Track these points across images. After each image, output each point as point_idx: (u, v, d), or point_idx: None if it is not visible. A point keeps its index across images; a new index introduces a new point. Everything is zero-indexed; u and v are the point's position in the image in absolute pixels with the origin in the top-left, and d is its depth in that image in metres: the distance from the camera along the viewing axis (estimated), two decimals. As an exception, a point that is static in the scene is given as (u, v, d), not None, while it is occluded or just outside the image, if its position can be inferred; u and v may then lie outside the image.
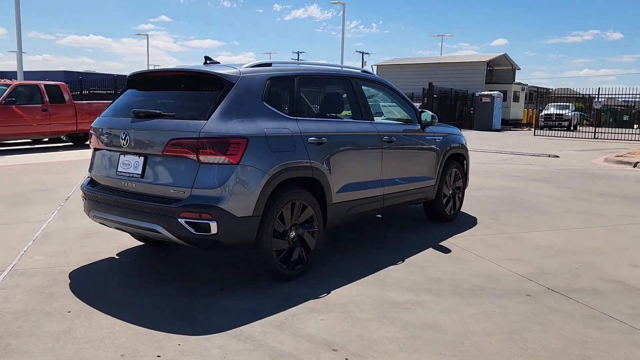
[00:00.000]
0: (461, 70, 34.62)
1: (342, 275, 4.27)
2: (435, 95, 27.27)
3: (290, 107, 4.22)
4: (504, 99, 32.40)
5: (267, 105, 4.02)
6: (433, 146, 5.73)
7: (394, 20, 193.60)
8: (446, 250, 5.02)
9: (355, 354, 2.96)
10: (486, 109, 29.41)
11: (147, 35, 48.36)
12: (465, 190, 6.60)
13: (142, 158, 3.92)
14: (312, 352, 2.98)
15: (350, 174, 4.60)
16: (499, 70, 37.27)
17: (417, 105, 24.57)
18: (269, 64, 4.32)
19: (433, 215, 6.16)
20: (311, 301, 3.72)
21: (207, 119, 3.68)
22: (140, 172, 3.91)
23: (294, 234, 4.12)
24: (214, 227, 3.61)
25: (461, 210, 6.70)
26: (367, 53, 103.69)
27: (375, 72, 39.32)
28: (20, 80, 16.73)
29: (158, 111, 3.88)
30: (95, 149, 4.37)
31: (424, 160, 5.64)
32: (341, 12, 35.00)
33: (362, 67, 48.27)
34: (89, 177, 4.46)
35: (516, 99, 35.21)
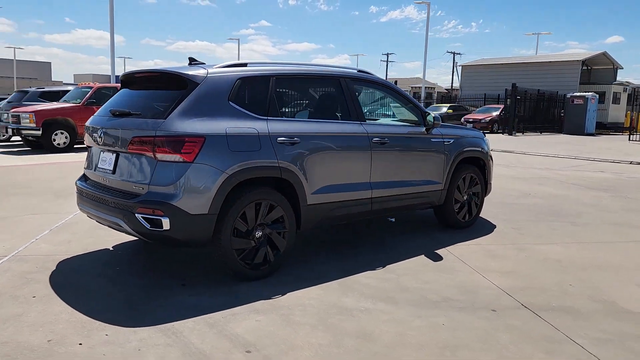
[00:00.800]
0: (552, 70, 32.61)
1: (311, 278, 4.21)
2: (518, 97, 25.89)
3: (261, 107, 4.22)
4: (601, 101, 30.09)
5: (234, 105, 4.05)
6: (440, 149, 5.48)
7: (495, 19, 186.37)
8: (438, 259, 4.79)
9: (266, 357, 2.92)
10: (578, 111, 27.46)
11: (238, 39, 50.42)
12: (505, 199, 6.23)
13: (114, 155, 4.11)
14: (225, 351, 2.98)
15: (330, 175, 4.52)
16: (598, 70, 34.68)
17: (498, 107, 23.49)
18: (245, 64, 4.35)
19: (444, 221, 5.89)
20: (260, 302, 3.70)
21: (165, 118, 3.78)
22: (112, 168, 4.11)
23: (260, 233, 4.12)
24: (166, 224, 3.71)
25: (485, 218, 6.40)
26: (459, 53, 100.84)
27: (459, 73, 38.18)
28: (110, 84, 18.03)
29: (127, 110, 4.05)
30: (88, 146, 4.63)
31: (428, 163, 5.41)
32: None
33: (453, 68, 46.77)
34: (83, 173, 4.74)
35: (616, 100, 32.53)
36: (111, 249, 4.96)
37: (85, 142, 4.65)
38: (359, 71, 5.17)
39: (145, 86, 4.37)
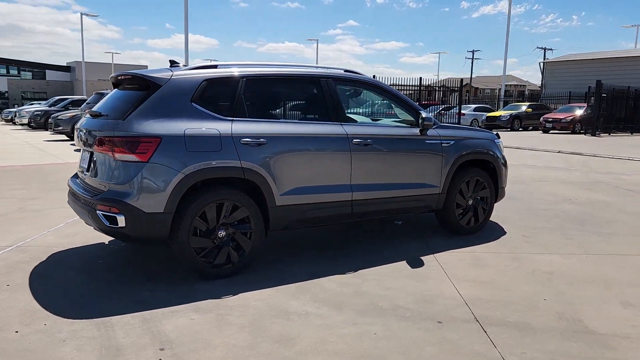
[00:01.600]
0: (647, 65, 30.07)
1: (276, 279, 4.21)
2: (604, 95, 24.10)
3: (228, 108, 4.27)
4: None
5: (197, 106, 4.13)
6: (436, 151, 5.25)
7: (599, 11, 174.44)
8: (418, 265, 4.60)
9: (175, 355, 2.97)
10: (674, 110, 25.12)
11: (317, 40, 51.02)
12: (537, 204, 5.89)
13: (89, 154, 4.34)
14: (140, 347, 3.06)
15: (302, 176, 4.48)
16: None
17: (582, 106, 22.04)
18: (215, 66, 4.42)
19: (446, 226, 5.64)
20: (207, 301, 3.76)
21: (124, 119, 3.94)
22: (87, 166, 4.34)
23: (223, 233, 4.17)
24: (121, 221, 3.86)
25: (500, 223, 6.11)
26: (550, 49, 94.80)
27: (542, 70, 36.14)
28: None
29: (99, 112, 4.25)
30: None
31: (422, 165, 5.20)
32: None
33: (543, 62, 44.32)
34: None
35: None
36: (106, 243, 5.22)
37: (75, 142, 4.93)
38: (346, 71, 5.08)
39: (124, 88, 4.57)
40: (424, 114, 5.08)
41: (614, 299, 3.89)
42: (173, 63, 4.60)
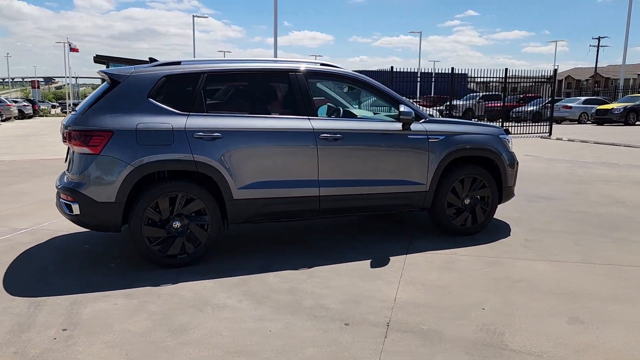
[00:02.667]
0: None
1: (226, 271, 4.29)
2: None
3: (185, 104, 4.39)
4: None
5: (154, 102, 4.31)
6: (421, 146, 4.99)
7: None
8: (380, 265, 4.44)
9: (71, 336, 3.16)
10: None
11: (420, 32, 49.80)
12: (574, 205, 5.50)
13: (68, 148, 4.70)
14: (48, 326, 3.29)
15: (262, 171, 4.50)
16: None
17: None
18: (178, 63, 4.57)
19: (438, 226, 5.35)
20: (141, 288, 3.92)
21: (83, 114, 4.22)
22: (65, 159, 4.71)
23: (178, 224, 4.33)
24: (76, 209, 4.16)
25: (512, 225, 5.69)
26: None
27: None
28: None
29: (74, 107, 4.58)
30: None
31: (403, 161, 4.97)
32: None
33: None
34: None
35: None
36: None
37: None
38: (322, 64, 4.99)
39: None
40: (402, 108, 4.85)
41: (566, 313, 3.47)
42: (152, 60, 4.82)
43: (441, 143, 5.07)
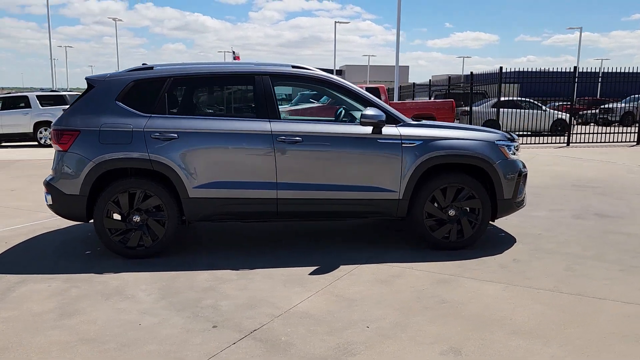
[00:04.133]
0: None
1: (173, 265, 4.49)
2: None
3: (149, 106, 4.69)
4: None
5: (120, 104, 4.67)
6: (392, 151, 4.71)
7: None
8: (322, 272, 4.31)
9: (-17, 309, 3.61)
10: None
11: (580, 28, 45.20)
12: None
13: None
14: (-23, 299, 3.79)
15: (218, 171, 4.63)
16: None
17: None
18: (151, 67, 4.88)
19: (420, 238, 5.00)
20: (82, 274, 4.28)
21: (62, 115, 4.73)
22: None
23: (137, 218, 4.65)
24: (49, 199, 4.69)
25: (524, 243, 5.16)
26: None
27: None
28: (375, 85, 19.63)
29: (63, 110, 5.13)
30: None
31: (372, 167, 4.73)
32: None
33: None
34: None
35: None
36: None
37: None
38: (294, 67, 4.96)
39: None
40: (367, 110, 4.63)
41: (451, 342, 3.09)
42: (144, 65, 5.21)
43: (417, 148, 4.74)
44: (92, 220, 4.73)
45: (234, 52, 65.38)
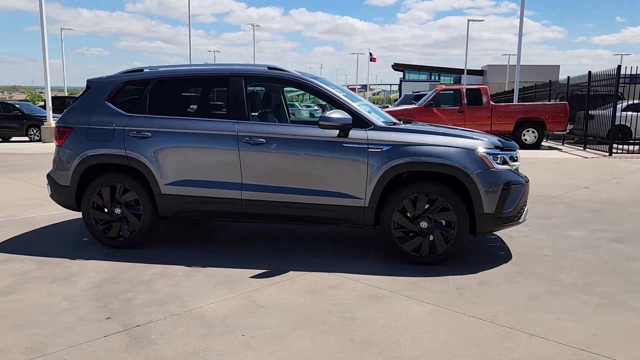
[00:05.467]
0: None
1: (140, 257, 4.74)
2: None
3: (132, 106, 4.99)
4: None
5: (109, 104, 5.04)
6: (357, 156, 4.49)
7: None
8: (269, 275, 4.27)
9: (-48, 282, 4.15)
10: None
11: None
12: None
13: None
14: (-43, 272, 4.36)
15: (186, 169, 4.78)
16: None
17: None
18: (141, 70, 5.19)
19: (390, 250, 4.70)
20: (56, 258, 4.68)
21: (64, 114, 5.23)
22: None
23: (118, 210, 5.00)
24: (48, 189, 5.21)
25: (513, 263, 4.64)
26: None
27: None
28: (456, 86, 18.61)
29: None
30: None
31: (336, 171, 4.54)
32: None
33: None
34: None
35: None
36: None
37: None
38: (270, 68, 4.93)
39: None
40: (329, 113, 4.45)
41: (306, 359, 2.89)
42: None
43: (384, 154, 4.46)
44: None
45: (370, 54, 66.14)
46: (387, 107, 18.86)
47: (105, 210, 5.00)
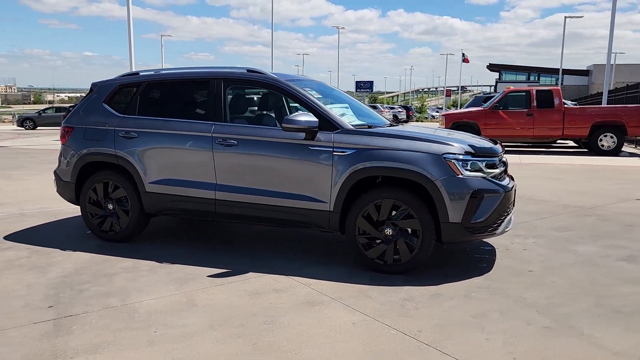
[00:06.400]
0: None
1: (121, 250, 5.00)
2: None
3: (124, 108, 5.27)
4: None
5: (106, 106, 5.35)
6: (322, 160, 4.43)
7: None
8: (226, 275, 4.35)
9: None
10: None
11: None
12: None
13: None
14: (-40, 257, 4.85)
15: (167, 169, 4.96)
16: None
17: None
18: (137, 73, 5.45)
19: (355, 256, 4.59)
20: (52, 249, 5.05)
21: (70, 115, 5.63)
22: None
23: (110, 206, 5.31)
24: (55, 185, 5.63)
25: (490, 280, 4.38)
26: None
27: None
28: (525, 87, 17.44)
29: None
30: None
31: (302, 174, 4.51)
32: None
33: None
34: None
35: None
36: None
37: None
38: (249, 71, 4.98)
39: None
40: (290, 116, 4.42)
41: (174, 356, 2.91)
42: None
43: (348, 158, 4.36)
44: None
45: (463, 55, 64.25)
46: (439, 110, 18.17)
47: (100, 205, 5.29)
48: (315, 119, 4.41)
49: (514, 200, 4.75)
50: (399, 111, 44.35)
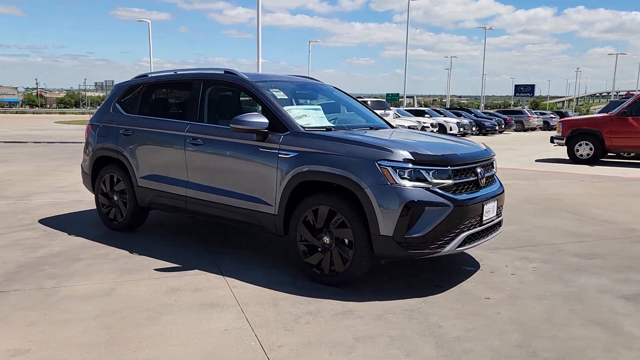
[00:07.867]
0: None
1: (118, 240, 5.39)
2: None
3: (129, 107, 5.68)
4: None
5: (117, 105, 5.83)
6: (270, 162, 4.35)
7: None
8: (186, 275, 4.52)
9: (-27, 239, 5.42)
10: None
11: None
12: None
13: None
14: (-12, 233, 5.65)
15: (153, 165, 5.26)
16: None
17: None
18: (146, 75, 5.83)
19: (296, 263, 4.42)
20: (63, 233, 5.65)
21: (95, 113, 6.23)
22: None
23: (115, 197, 5.78)
24: (80, 176, 6.27)
25: (459, 302, 4.01)
26: None
27: None
28: None
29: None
30: None
31: (250, 175, 4.46)
32: None
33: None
34: None
35: None
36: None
37: None
38: (226, 72, 5.05)
39: None
40: (241, 116, 4.38)
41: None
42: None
43: (291, 160, 4.23)
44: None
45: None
46: (552, 116, 16.18)
47: (108, 196, 5.77)
48: (265, 120, 4.34)
49: (500, 212, 4.30)
50: (552, 117, 40.90)
